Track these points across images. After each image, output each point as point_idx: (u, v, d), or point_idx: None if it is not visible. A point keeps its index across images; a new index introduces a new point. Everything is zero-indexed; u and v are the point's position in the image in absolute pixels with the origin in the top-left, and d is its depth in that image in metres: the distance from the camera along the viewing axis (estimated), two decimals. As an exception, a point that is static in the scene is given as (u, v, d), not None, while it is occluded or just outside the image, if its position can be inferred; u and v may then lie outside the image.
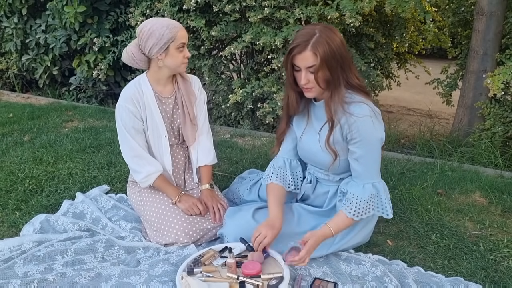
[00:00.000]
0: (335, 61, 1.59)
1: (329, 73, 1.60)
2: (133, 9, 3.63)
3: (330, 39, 1.58)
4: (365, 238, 1.89)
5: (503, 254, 1.85)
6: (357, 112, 1.62)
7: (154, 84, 1.98)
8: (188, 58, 1.93)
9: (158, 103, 1.98)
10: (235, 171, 2.62)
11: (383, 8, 2.92)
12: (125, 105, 1.93)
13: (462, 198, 2.36)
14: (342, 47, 1.61)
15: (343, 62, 1.62)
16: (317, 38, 1.57)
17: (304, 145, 1.83)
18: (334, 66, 1.59)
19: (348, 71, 1.65)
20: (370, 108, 1.64)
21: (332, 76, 1.61)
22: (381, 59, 3.66)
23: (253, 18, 2.99)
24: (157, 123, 1.98)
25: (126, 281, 1.60)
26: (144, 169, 1.95)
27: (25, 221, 2.06)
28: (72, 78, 4.43)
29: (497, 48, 3.15)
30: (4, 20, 4.56)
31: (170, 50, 1.85)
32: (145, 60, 1.91)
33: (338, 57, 1.59)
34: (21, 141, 3.14)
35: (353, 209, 1.68)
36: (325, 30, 1.60)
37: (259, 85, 3.25)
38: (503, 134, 3.03)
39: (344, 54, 1.62)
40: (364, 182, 1.69)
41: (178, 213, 1.90)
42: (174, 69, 1.91)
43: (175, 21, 1.88)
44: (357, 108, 1.63)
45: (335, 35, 1.61)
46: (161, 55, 1.86)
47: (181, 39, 1.84)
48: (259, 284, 1.51)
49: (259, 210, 1.89)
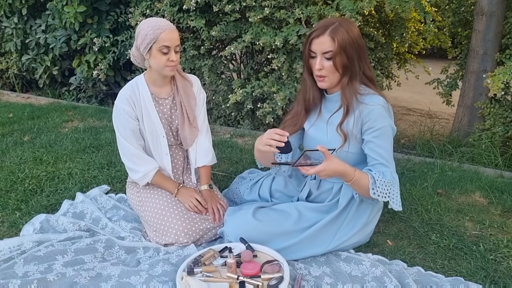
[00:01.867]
0: (353, 49, 1.65)
1: (347, 59, 1.65)
2: (133, 9, 3.63)
3: (349, 28, 1.65)
4: (365, 238, 1.89)
5: (503, 254, 1.85)
6: (373, 101, 1.66)
7: (150, 84, 1.98)
8: (174, 61, 1.86)
9: (155, 104, 1.98)
10: (235, 171, 2.62)
11: (383, 8, 2.92)
12: (121, 105, 1.93)
13: (462, 198, 2.36)
14: (359, 38, 1.68)
15: (360, 52, 1.68)
16: (336, 26, 1.64)
17: (312, 134, 1.85)
18: (352, 54, 1.65)
19: (364, 62, 1.71)
20: (384, 99, 1.69)
21: (350, 63, 1.66)
22: (381, 59, 3.66)
23: (253, 18, 2.99)
24: (155, 123, 1.98)
25: (126, 281, 1.60)
26: (142, 168, 1.96)
27: (25, 221, 2.06)
28: (72, 78, 4.43)
29: (497, 48, 3.15)
30: (4, 20, 4.57)
31: (153, 51, 1.84)
32: (141, 59, 1.93)
33: (356, 45, 1.65)
34: (21, 141, 3.14)
35: (375, 183, 1.66)
36: (344, 21, 1.68)
37: (259, 85, 3.25)
38: (503, 134, 3.03)
39: (362, 45, 1.68)
40: (382, 170, 1.69)
41: (178, 213, 1.90)
42: (159, 71, 1.90)
43: (165, 23, 1.84)
44: (372, 98, 1.67)
45: (353, 26, 1.68)
46: (146, 55, 1.88)
47: (163, 41, 1.81)
48: (259, 284, 1.51)
49: (259, 209, 1.89)
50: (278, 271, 1.56)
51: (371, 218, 1.86)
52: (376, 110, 1.66)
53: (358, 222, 1.82)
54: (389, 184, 1.67)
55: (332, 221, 1.80)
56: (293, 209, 1.86)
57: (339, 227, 1.82)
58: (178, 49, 1.88)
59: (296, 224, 1.80)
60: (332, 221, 1.80)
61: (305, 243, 1.77)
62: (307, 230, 1.79)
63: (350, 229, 1.81)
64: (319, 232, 1.79)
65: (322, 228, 1.79)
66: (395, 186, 1.70)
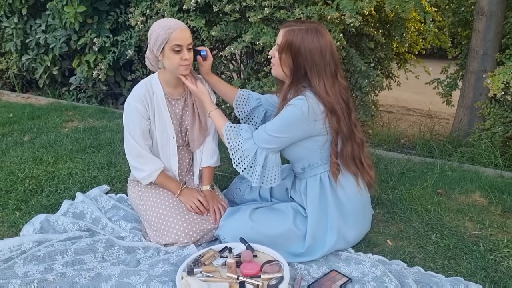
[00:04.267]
0: (300, 57, 1.70)
1: (292, 63, 1.72)
2: (133, 9, 3.63)
3: (307, 38, 1.69)
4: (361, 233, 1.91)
5: (503, 254, 1.85)
6: (292, 100, 1.72)
7: (164, 85, 1.98)
8: (188, 60, 1.85)
9: (168, 104, 1.98)
10: (235, 171, 2.61)
11: (383, 8, 2.92)
12: (135, 104, 1.92)
13: (462, 198, 2.36)
14: (316, 53, 1.69)
15: (311, 65, 1.70)
16: (298, 29, 1.70)
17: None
18: (298, 60, 1.71)
19: (314, 77, 1.71)
20: (305, 101, 1.69)
21: (295, 68, 1.73)
22: (381, 59, 3.66)
23: (253, 18, 2.98)
24: (166, 124, 1.98)
25: (126, 281, 1.60)
26: (147, 167, 1.96)
27: (25, 221, 2.06)
28: (72, 78, 4.43)
29: (497, 48, 3.15)
30: (4, 20, 4.56)
31: (165, 51, 1.84)
32: (155, 61, 1.93)
33: (304, 56, 1.69)
34: (21, 141, 3.14)
35: (227, 128, 1.80)
36: (311, 31, 1.70)
37: (259, 85, 3.24)
38: (503, 134, 3.03)
39: (316, 60, 1.69)
40: (249, 134, 1.78)
41: (179, 213, 1.90)
42: (173, 71, 1.90)
43: (176, 22, 1.85)
44: (296, 99, 1.71)
45: (316, 39, 1.69)
46: (160, 56, 1.87)
47: (175, 40, 1.82)
48: (259, 284, 1.51)
49: (256, 210, 1.90)
50: (278, 271, 1.56)
51: (361, 213, 1.88)
52: (290, 105, 1.71)
53: (350, 215, 1.83)
54: (244, 150, 1.76)
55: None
56: (290, 208, 1.86)
57: None
58: (190, 47, 1.88)
59: (293, 224, 1.81)
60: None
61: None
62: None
63: (343, 224, 1.82)
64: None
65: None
66: (252, 159, 1.75)
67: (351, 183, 1.83)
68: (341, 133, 1.77)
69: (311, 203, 1.82)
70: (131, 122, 1.93)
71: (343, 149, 1.80)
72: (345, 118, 1.76)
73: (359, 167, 1.85)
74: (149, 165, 1.96)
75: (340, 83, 1.77)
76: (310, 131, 1.73)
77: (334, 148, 1.79)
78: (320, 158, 1.81)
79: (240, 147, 1.77)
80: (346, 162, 1.81)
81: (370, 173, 1.89)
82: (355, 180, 1.83)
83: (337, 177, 1.80)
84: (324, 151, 1.80)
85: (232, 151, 1.79)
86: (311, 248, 1.79)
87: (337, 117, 1.73)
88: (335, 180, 1.80)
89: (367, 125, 3.49)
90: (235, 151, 1.78)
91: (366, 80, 3.17)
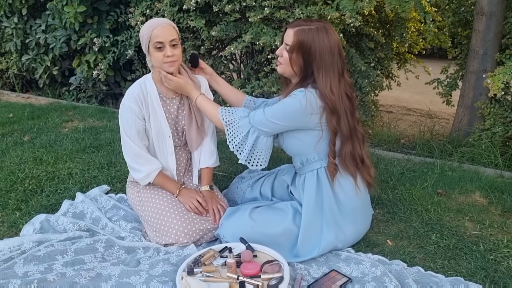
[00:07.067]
0: (311, 56, 1.71)
1: (303, 62, 1.74)
2: (133, 9, 3.63)
3: (317, 38, 1.70)
4: (360, 232, 1.91)
5: (503, 254, 1.85)
6: (293, 92, 1.75)
7: (157, 84, 1.98)
8: (170, 56, 1.84)
9: (162, 103, 1.98)
10: (235, 171, 2.62)
11: (383, 8, 2.92)
12: (129, 104, 1.93)
13: (462, 198, 2.36)
14: (326, 53, 1.71)
15: (320, 64, 1.71)
16: (308, 29, 1.71)
17: None
18: (309, 59, 1.72)
19: (320, 75, 1.72)
20: (304, 93, 1.71)
21: (305, 67, 1.74)
22: (381, 59, 3.66)
23: (253, 18, 2.98)
24: (161, 123, 1.98)
25: (126, 281, 1.60)
26: (145, 168, 1.96)
27: (25, 221, 2.06)
28: (72, 78, 4.43)
29: (497, 48, 3.15)
30: (4, 20, 4.56)
31: (150, 49, 1.86)
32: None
33: (314, 55, 1.71)
34: (21, 141, 3.14)
35: (226, 115, 1.82)
36: (321, 31, 1.71)
37: (259, 85, 3.25)
38: (503, 134, 3.03)
39: (325, 59, 1.71)
40: (250, 117, 1.80)
41: (178, 213, 1.90)
42: (160, 68, 1.90)
43: (159, 20, 1.86)
44: (296, 90, 1.74)
45: (327, 39, 1.71)
46: (148, 55, 1.89)
47: (156, 38, 1.82)
48: (259, 284, 1.51)
49: (256, 209, 1.90)
50: (278, 271, 1.56)
51: (360, 211, 1.88)
52: (290, 96, 1.75)
53: (348, 213, 1.84)
54: (239, 127, 1.79)
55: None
56: (289, 207, 1.87)
57: None
58: (175, 43, 1.86)
59: (293, 223, 1.81)
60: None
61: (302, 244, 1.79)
62: None
63: (341, 220, 1.82)
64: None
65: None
66: (245, 139, 1.79)
67: (350, 183, 1.83)
68: (340, 133, 1.77)
69: (307, 196, 1.83)
70: (126, 122, 1.94)
71: (342, 150, 1.80)
72: (347, 116, 1.77)
73: (359, 166, 1.85)
74: (147, 165, 1.96)
75: (346, 80, 1.79)
76: (305, 123, 1.75)
77: (332, 148, 1.79)
78: (316, 152, 1.82)
79: (236, 123, 1.81)
80: (344, 163, 1.81)
81: (370, 172, 1.89)
82: (353, 180, 1.83)
83: (334, 177, 1.81)
84: (320, 146, 1.81)
85: (228, 126, 1.83)
86: (307, 243, 1.78)
87: (337, 117, 1.73)
88: (332, 179, 1.81)
89: (367, 125, 3.49)
90: (230, 126, 1.82)
91: (366, 80, 3.17)
